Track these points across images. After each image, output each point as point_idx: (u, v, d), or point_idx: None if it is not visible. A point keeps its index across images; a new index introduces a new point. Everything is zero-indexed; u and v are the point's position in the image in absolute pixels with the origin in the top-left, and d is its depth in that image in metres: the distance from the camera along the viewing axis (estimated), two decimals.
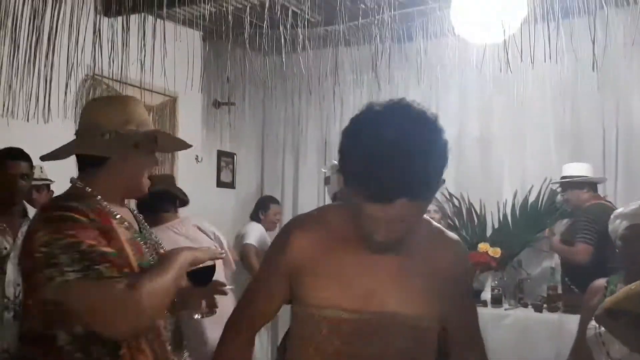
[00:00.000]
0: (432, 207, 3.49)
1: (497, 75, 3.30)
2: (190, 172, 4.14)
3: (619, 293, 1.61)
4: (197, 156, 4.25)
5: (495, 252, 3.74)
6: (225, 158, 4.54)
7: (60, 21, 2.78)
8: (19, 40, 2.74)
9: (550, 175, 3.82)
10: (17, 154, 2.33)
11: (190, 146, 1.44)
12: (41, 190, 2.95)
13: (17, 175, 2.32)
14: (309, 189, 4.64)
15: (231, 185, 4.58)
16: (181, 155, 4.08)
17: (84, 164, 1.30)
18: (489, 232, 3.94)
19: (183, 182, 4.06)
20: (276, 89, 4.16)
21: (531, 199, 3.86)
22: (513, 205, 3.91)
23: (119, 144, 1.26)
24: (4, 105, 2.72)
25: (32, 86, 2.72)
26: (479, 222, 3.93)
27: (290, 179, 4.74)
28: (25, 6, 2.75)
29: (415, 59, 3.65)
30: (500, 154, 4.06)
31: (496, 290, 3.56)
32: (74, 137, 1.34)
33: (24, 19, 2.74)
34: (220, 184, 4.52)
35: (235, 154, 4.62)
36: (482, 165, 4.11)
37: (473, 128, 4.12)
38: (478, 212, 3.98)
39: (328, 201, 4.69)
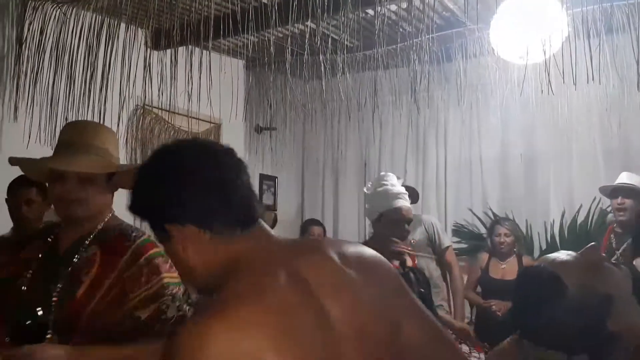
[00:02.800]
0: (503, 230, 3.39)
1: (540, 93, 3.26)
2: None
3: None
4: None
5: None
6: (267, 181, 4.64)
7: (112, 57, 2.95)
8: (74, 75, 2.93)
9: (599, 194, 3.70)
10: (22, 182, 2.34)
11: None
12: None
13: (22, 201, 2.36)
14: (349, 210, 4.66)
15: (273, 207, 4.65)
16: None
17: None
18: (536, 254, 3.83)
19: None
20: (316, 113, 4.24)
21: (580, 218, 3.75)
22: (561, 226, 3.80)
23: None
24: None
25: (86, 119, 2.89)
26: (525, 244, 3.84)
27: (330, 200, 4.77)
28: (81, 43, 2.95)
29: (455, 80, 3.65)
30: (546, 172, 3.96)
31: None
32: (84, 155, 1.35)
33: (79, 56, 2.93)
34: None
35: (276, 177, 4.71)
36: (527, 184, 4.02)
37: (516, 147, 4.05)
38: (524, 233, 3.89)
39: (368, 222, 4.69)
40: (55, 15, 2.93)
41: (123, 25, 3.01)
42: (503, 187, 4.11)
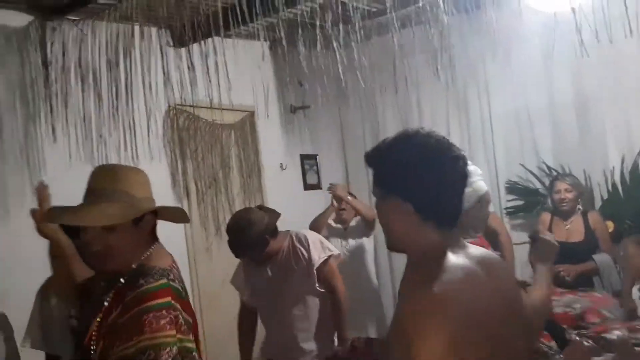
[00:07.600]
0: (563, 185, 3.24)
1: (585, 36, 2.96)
2: (277, 180, 4.25)
3: None
4: (281, 164, 4.34)
5: (608, 225, 3.42)
6: (308, 161, 4.59)
7: (132, 65, 2.97)
8: (101, 91, 2.98)
9: None
10: None
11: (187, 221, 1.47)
12: None
13: None
14: None
15: (317, 186, 4.62)
16: (266, 165, 4.20)
17: None
18: (597, 205, 3.60)
19: (271, 191, 4.20)
20: (348, 84, 4.10)
21: None
22: (622, 173, 3.54)
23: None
24: (98, 153, 2.99)
25: (120, 133, 2.95)
26: (584, 196, 3.60)
27: None
28: (101, 57, 2.98)
29: (487, 31, 3.38)
30: (601, 117, 3.65)
31: None
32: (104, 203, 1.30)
33: (101, 70, 2.97)
34: (307, 186, 4.58)
35: (317, 155, 4.65)
36: (581, 132, 3.74)
37: (565, 93, 3.75)
38: (582, 184, 3.65)
39: None
40: (74, 33, 2.97)
41: (137, 30, 3.00)
42: (555, 137, 3.85)
